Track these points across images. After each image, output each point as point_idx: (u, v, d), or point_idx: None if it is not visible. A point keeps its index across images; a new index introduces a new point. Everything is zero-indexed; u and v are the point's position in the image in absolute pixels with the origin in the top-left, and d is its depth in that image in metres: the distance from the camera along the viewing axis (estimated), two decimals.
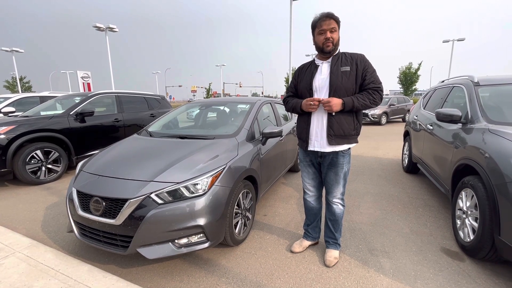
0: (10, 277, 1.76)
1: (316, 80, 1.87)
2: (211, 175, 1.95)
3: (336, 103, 1.74)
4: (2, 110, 5.55)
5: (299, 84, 1.99)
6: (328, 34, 1.78)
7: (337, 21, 1.79)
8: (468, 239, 2.06)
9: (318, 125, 1.88)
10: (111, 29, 17.87)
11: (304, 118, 1.95)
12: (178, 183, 1.84)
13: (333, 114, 1.80)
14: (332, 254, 2.06)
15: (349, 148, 1.93)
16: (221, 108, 3.45)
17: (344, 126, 1.82)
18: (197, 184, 1.88)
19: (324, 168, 2.00)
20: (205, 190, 1.89)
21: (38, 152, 3.97)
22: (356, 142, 1.92)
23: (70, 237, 2.43)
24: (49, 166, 4.12)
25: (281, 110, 4.12)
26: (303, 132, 1.97)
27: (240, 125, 2.69)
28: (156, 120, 3.34)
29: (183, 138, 2.59)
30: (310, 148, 1.94)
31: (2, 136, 3.67)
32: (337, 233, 2.10)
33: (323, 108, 1.81)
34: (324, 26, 1.78)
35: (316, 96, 1.87)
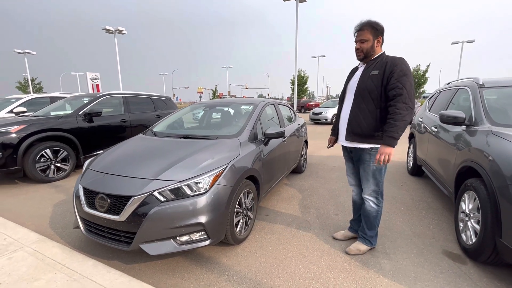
0: (18, 270, 1.83)
1: (351, 81, 2.06)
2: (212, 174, 1.99)
3: (387, 151, 1.79)
4: (14, 110, 5.72)
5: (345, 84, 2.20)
6: (358, 45, 1.96)
7: (372, 28, 1.90)
8: (470, 242, 2.04)
9: (343, 120, 2.07)
10: (119, 31, 18.22)
11: (337, 115, 2.19)
12: (180, 181, 1.89)
13: (352, 112, 1.97)
14: (357, 245, 2.14)
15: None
16: (225, 109, 3.49)
17: (363, 126, 1.93)
18: (199, 182, 1.92)
19: (356, 164, 2.15)
20: (206, 188, 1.93)
21: (48, 151, 4.08)
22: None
23: (77, 233, 2.50)
24: (58, 164, 4.23)
25: (285, 111, 4.14)
26: (335, 126, 2.21)
27: (243, 126, 2.73)
28: (161, 120, 3.40)
29: (186, 138, 2.64)
30: (338, 141, 2.18)
31: (13, 135, 3.79)
32: (369, 230, 2.14)
33: (348, 104, 2.02)
34: (356, 38, 1.97)
35: (347, 96, 2.07)
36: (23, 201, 3.37)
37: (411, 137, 4.61)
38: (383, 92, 1.88)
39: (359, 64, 2.11)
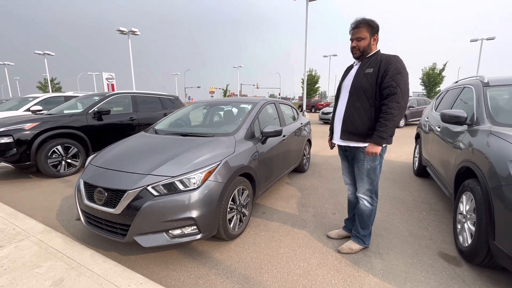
0: (23, 257, 1.95)
1: (346, 80, 2.06)
2: (205, 171, 2.04)
3: (374, 150, 1.85)
4: (31, 109, 6.02)
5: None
6: (354, 43, 1.94)
7: (369, 26, 1.89)
8: (466, 244, 2.00)
9: (338, 119, 2.06)
10: (133, 33, 18.69)
11: (332, 113, 2.18)
12: (173, 177, 1.95)
13: (347, 110, 1.97)
14: (349, 244, 2.15)
15: None
16: (225, 107, 3.55)
17: (357, 124, 1.92)
18: (191, 178, 1.98)
19: (350, 162, 2.15)
20: (198, 184, 1.98)
21: (59, 147, 4.28)
22: None
23: (80, 224, 2.63)
24: (69, 160, 4.43)
25: (287, 110, 4.15)
26: (331, 125, 2.21)
27: (240, 124, 2.77)
28: (163, 118, 3.50)
29: (185, 135, 2.71)
30: (333, 140, 2.19)
31: (28, 132, 4.00)
32: (362, 229, 2.14)
33: (343, 103, 2.01)
34: (351, 35, 1.96)
35: (341, 94, 2.06)
36: (35, 194, 3.56)
37: (417, 137, 4.51)
38: (377, 91, 1.87)
39: (354, 62, 2.10)
